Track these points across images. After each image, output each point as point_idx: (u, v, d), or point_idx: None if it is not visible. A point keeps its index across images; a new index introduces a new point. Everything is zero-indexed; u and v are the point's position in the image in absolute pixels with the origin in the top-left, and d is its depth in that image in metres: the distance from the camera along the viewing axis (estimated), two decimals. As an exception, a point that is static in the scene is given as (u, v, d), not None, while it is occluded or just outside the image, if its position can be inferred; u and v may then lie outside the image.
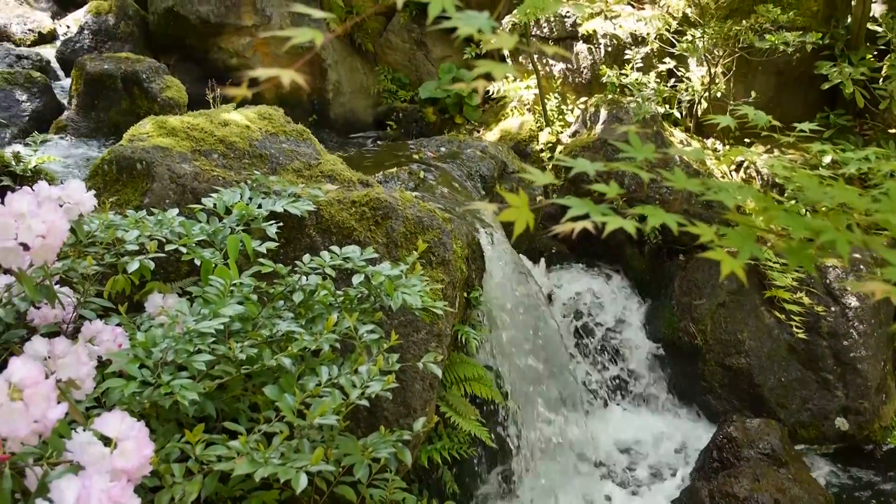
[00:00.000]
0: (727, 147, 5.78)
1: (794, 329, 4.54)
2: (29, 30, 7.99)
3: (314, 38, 0.89)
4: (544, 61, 6.38)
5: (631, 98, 5.52)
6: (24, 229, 1.43)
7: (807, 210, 3.44)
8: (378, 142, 7.13)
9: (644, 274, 5.36)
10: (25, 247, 1.45)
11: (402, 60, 7.96)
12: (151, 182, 2.96)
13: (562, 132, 5.97)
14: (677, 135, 5.73)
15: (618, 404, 4.79)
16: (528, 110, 6.44)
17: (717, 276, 4.97)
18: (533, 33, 6.43)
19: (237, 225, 2.63)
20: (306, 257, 2.51)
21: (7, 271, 1.66)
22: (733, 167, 5.53)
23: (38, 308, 2.19)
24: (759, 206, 1.05)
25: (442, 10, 0.93)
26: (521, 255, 4.52)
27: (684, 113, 5.89)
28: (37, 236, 1.44)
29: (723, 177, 5.43)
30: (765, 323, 4.73)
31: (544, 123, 6.08)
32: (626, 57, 5.85)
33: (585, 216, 0.99)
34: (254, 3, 6.63)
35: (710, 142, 5.86)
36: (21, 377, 1.21)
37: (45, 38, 8.01)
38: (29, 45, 7.76)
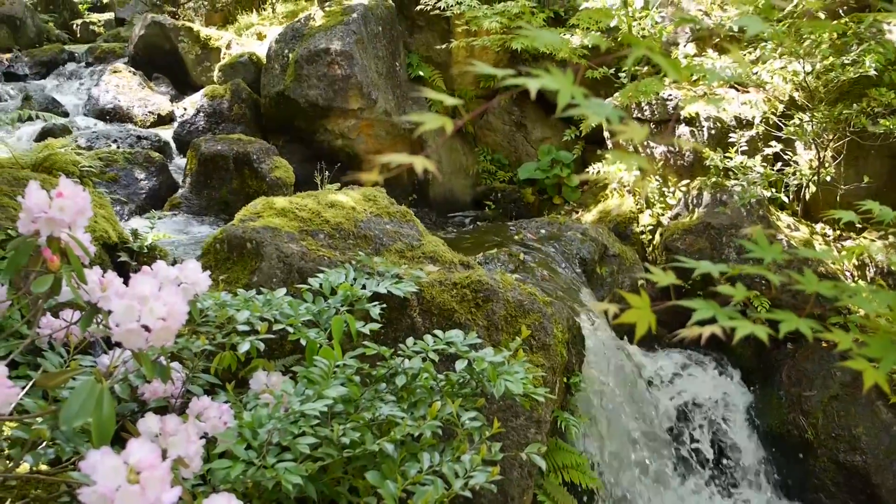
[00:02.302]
0: (837, 233, 5.57)
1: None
2: (149, 112, 8.51)
3: (445, 125, 0.89)
4: (645, 143, 6.36)
5: (735, 181, 5.41)
6: (146, 312, 1.48)
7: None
8: (477, 222, 7.19)
9: (749, 361, 5.15)
10: (147, 328, 1.49)
11: (501, 141, 8.08)
12: (260, 261, 3.05)
13: (663, 214, 5.89)
14: (784, 219, 5.56)
15: (722, 499, 4.56)
16: (628, 192, 6.39)
17: (828, 367, 4.74)
18: (634, 115, 6.42)
19: (341, 305, 2.66)
20: (409, 340, 2.52)
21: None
22: (844, 252, 5.32)
23: (149, 382, 2.25)
24: (898, 310, 0.99)
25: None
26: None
27: (791, 197, 5.73)
28: (158, 319, 1.48)
29: (833, 263, 5.23)
30: (881, 419, 4.46)
31: (645, 205, 6.02)
32: (731, 140, 5.77)
33: (712, 320, 0.95)
34: (360, 87, 6.87)
35: (818, 227, 5.66)
36: (138, 459, 1.23)
37: (164, 119, 8.50)
38: (148, 126, 8.25)
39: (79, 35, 13.62)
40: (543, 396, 2.48)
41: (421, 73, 7.86)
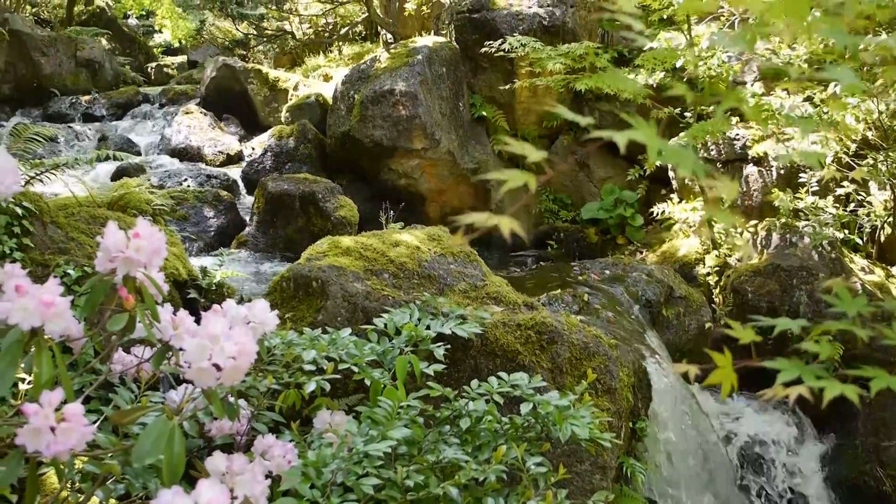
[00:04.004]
0: (915, 275, 5.39)
1: None
2: (219, 151, 8.73)
3: (528, 182, 0.90)
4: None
5: (806, 222, 5.28)
6: (217, 351, 1.49)
7: None
8: (540, 262, 7.15)
9: (822, 408, 4.97)
10: (217, 367, 1.51)
11: (564, 181, 8.05)
12: (325, 300, 3.07)
13: (730, 256, 5.77)
14: (858, 261, 5.40)
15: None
16: (694, 232, 6.29)
17: (908, 417, 4.55)
18: (700, 155, 6.35)
19: (406, 346, 2.66)
20: (474, 383, 2.49)
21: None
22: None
23: (216, 419, 2.27)
24: None
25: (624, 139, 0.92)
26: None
27: (865, 239, 5.56)
28: (228, 358, 1.50)
29: (911, 307, 5.03)
30: (966, 472, 4.26)
31: (711, 246, 5.91)
32: (801, 180, 5.64)
33: (797, 381, 0.92)
34: (424, 127, 6.94)
35: (895, 269, 5.48)
36: (208, 500, 1.24)
37: (233, 158, 8.71)
38: (218, 165, 8.46)
39: (153, 77, 14.11)
40: (609, 442, 2.43)
41: (484, 114, 7.91)
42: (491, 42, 7.23)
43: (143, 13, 18.73)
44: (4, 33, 8.15)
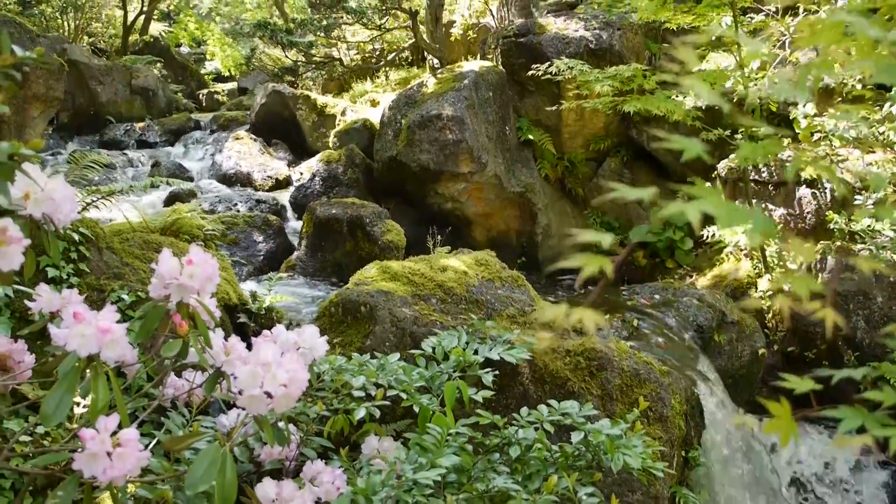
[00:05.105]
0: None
1: None
2: (268, 176, 8.85)
3: (604, 266, 0.90)
4: (763, 206, 6.16)
5: (862, 245, 5.16)
6: (269, 378, 1.50)
7: None
8: (588, 286, 7.07)
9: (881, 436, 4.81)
10: (269, 394, 1.52)
11: (611, 204, 7.99)
12: (374, 325, 3.08)
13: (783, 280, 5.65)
14: (917, 285, 5.25)
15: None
16: (746, 256, 6.18)
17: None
18: (751, 177, 6.25)
19: (454, 371, 2.64)
20: (524, 410, 2.47)
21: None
22: None
23: (266, 444, 2.28)
24: None
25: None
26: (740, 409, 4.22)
27: (926, 262, 5.40)
28: (280, 385, 1.50)
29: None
30: None
31: (763, 270, 5.80)
32: (856, 202, 5.52)
33: (861, 429, 0.89)
34: (470, 151, 6.95)
35: (956, 294, 5.31)
36: (259, 528, 1.24)
37: (281, 183, 8.82)
38: (267, 190, 8.57)
39: (204, 104, 14.39)
40: (662, 471, 2.38)
41: (531, 137, 7.89)
42: (538, 65, 7.22)
43: (195, 42, 19.20)
44: (64, 63, 8.40)
